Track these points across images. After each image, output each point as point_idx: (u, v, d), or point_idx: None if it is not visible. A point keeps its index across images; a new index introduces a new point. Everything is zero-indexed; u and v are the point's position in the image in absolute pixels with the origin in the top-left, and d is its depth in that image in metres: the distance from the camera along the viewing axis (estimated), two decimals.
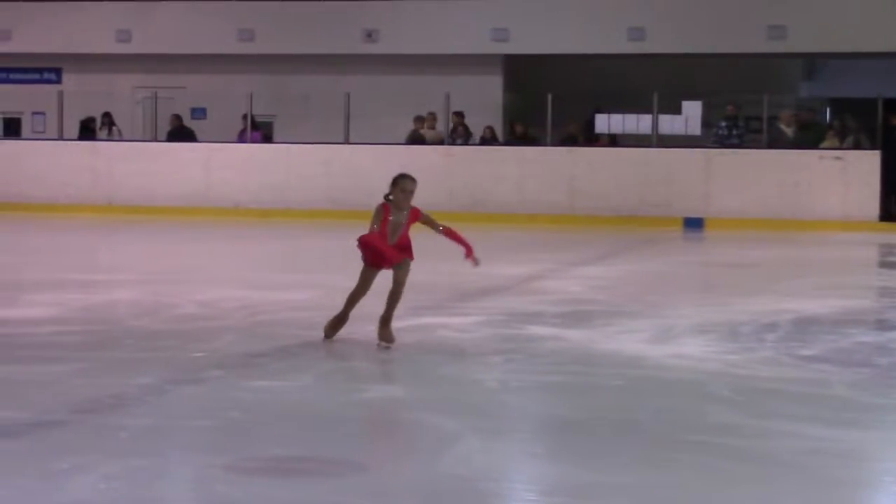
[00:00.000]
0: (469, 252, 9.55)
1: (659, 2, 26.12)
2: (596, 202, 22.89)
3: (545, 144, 24.04)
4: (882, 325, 11.93)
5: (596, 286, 14.00)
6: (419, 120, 24.91)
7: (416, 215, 9.49)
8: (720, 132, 24.21)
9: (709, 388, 8.27)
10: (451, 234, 9.53)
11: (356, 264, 9.58)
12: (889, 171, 22.98)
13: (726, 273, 16.31)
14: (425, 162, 23.51)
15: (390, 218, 9.41)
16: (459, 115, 24.94)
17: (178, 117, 26.41)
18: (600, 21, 26.15)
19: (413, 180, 9.49)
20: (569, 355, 9.52)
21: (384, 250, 9.37)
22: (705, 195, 22.93)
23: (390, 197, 9.43)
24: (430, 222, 9.53)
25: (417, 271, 15.08)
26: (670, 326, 10.89)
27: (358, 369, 8.85)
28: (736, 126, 24.29)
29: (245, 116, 25.42)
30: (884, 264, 18.25)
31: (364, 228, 9.47)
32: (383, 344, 9.40)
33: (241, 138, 25.63)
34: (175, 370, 8.78)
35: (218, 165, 24.68)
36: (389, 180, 9.46)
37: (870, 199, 22.42)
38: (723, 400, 7.96)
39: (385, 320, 9.52)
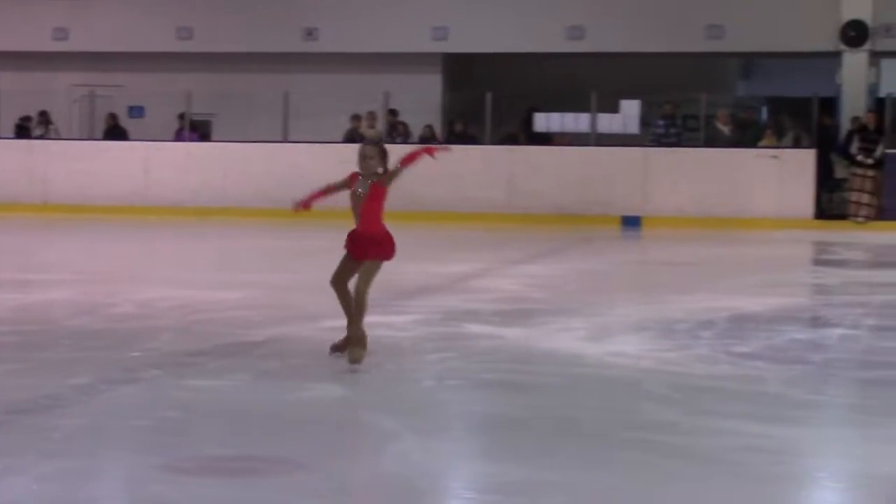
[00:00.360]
0: (430, 151, 8.92)
1: (597, 1, 26.19)
2: (534, 201, 22.94)
3: (484, 143, 24.05)
4: (816, 322, 12.04)
5: (533, 284, 14.04)
6: (356, 118, 24.84)
7: (377, 190, 8.76)
8: (658, 131, 24.32)
9: (645, 386, 8.30)
10: (407, 159, 8.68)
11: (295, 262, 9.50)
12: (823, 170, 23.19)
13: (663, 271, 16.39)
14: None
15: (357, 190, 8.81)
16: (393, 112, 24.92)
17: (113, 116, 26.23)
18: (539, 20, 26.18)
19: (372, 144, 8.87)
20: (506, 353, 9.54)
21: (351, 240, 9.01)
22: (643, 194, 23.04)
23: None
24: (392, 176, 8.76)
25: None
26: (607, 324, 10.94)
27: (296, 368, 8.82)
28: (674, 125, 24.40)
29: (181, 115, 25.28)
30: (818, 262, 18.41)
31: (305, 229, 9.36)
32: (352, 366, 8.71)
33: (179, 137, 25.50)
34: (111, 370, 8.72)
35: (156, 164, 24.54)
36: (328, 179, 9.32)
37: (805, 197, 22.61)
38: (659, 397, 8.00)
39: (348, 338, 8.91)
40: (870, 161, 22.50)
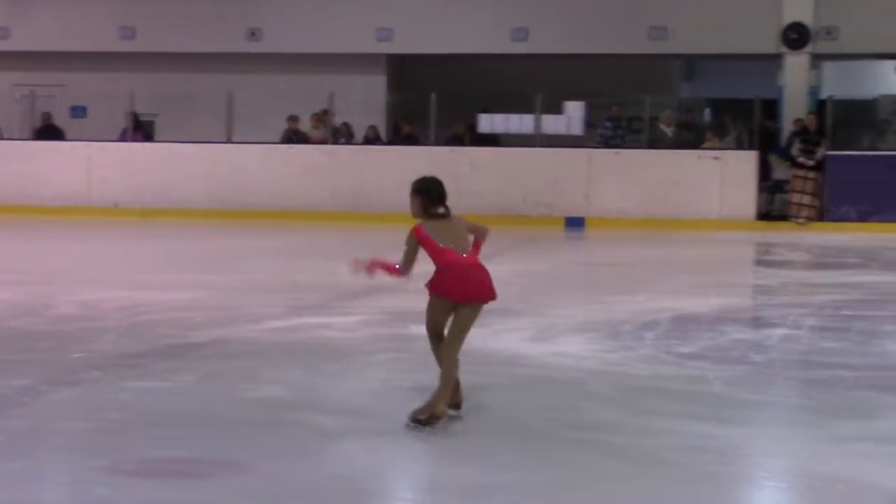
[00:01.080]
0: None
1: (542, 2, 26.25)
2: (479, 202, 22.95)
3: (429, 144, 24.07)
4: (758, 322, 12.12)
5: None
6: (293, 119, 24.73)
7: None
8: (604, 132, 24.44)
9: (589, 387, 8.34)
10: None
11: (240, 264, 9.47)
12: (765, 171, 23.35)
13: (607, 272, 16.45)
14: (307, 161, 23.46)
15: None
16: (326, 113, 24.80)
17: (47, 115, 25.99)
18: (484, 21, 26.22)
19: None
20: None
21: None
22: (587, 195, 23.11)
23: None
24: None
25: (299, 271, 15.08)
26: (552, 325, 10.96)
27: (240, 370, 8.79)
28: (620, 126, 24.54)
29: (128, 115, 25.13)
30: (760, 263, 18.52)
31: (249, 230, 9.33)
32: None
33: (123, 137, 25.34)
34: (53, 371, 8.65)
35: (99, 164, 24.37)
36: (271, 179, 9.23)
37: (746, 198, 22.75)
38: (603, 398, 8.04)
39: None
40: (811, 163, 22.67)
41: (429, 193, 7.66)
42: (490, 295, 7.31)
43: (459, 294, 7.24)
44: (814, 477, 6.34)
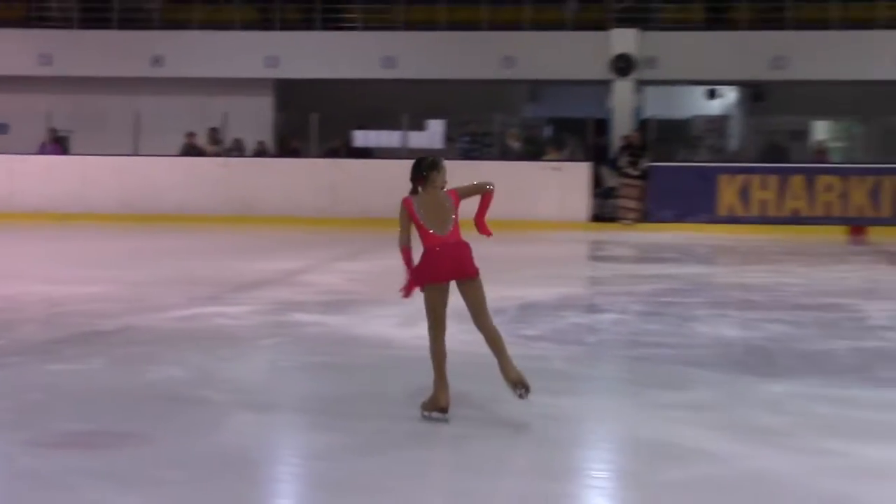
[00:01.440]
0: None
1: (408, 35, 26.28)
2: (354, 206, 22.90)
3: (310, 156, 23.97)
4: (591, 308, 12.26)
5: (353, 279, 14.03)
6: (191, 135, 24.46)
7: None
8: (464, 146, 24.59)
9: (448, 365, 8.34)
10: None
11: (148, 261, 9.33)
12: (597, 180, 23.63)
13: None
14: (204, 172, 23.21)
15: None
16: (214, 130, 24.57)
17: None
18: (358, 50, 26.18)
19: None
20: (329, 339, 9.53)
21: None
22: None
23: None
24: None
25: (197, 267, 14.91)
26: (415, 313, 10.90)
27: (144, 353, 8.68)
28: (475, 141, 24.70)
29: (48, 131, 24.67)
30: (593, 258, 18.71)
31: (157, 232, 9.22)
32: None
33: (42, 150, 24.85)
34: None
35: (20, 174, 23.87)
36: (173, 187, 9.12)
37: (581, 203, 22.96)
38: (460, 375, 8.00)
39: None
40: (636, 172, 22.97)
41: (412, 172, 7.39)
42: (470, 270, 7.02)
43: (444, 272, 7.00)
44: (637, 439, 6.45)
